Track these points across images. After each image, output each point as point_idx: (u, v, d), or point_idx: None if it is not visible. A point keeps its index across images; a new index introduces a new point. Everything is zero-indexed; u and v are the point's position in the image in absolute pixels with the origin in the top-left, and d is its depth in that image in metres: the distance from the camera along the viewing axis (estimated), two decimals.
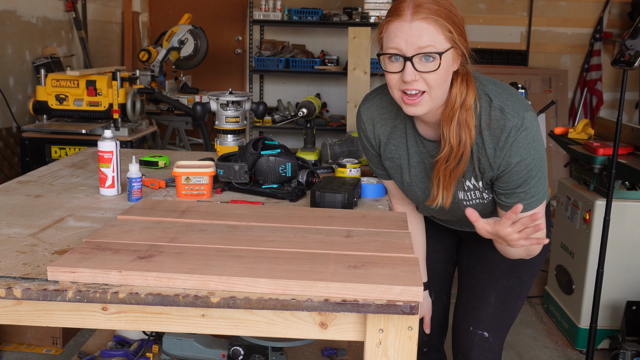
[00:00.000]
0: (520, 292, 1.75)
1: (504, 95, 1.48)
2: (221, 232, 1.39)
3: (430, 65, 1.37)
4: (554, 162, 5.28)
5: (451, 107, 1.45)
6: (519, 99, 1.48)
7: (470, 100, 1.45)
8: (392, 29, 1.39)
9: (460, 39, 1.40)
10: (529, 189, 1.49)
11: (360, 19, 5.28)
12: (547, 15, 5.77)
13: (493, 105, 1.45)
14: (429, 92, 1.40)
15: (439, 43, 1.37)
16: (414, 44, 1.36)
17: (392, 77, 1.42)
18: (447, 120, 1.45)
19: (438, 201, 1.55)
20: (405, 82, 1.39)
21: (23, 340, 2.80)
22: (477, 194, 1.57)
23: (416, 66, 1.37)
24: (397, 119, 1.60)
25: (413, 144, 1.58)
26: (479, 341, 1.72)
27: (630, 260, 2.86)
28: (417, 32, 1.36)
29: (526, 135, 1.43)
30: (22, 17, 4.01)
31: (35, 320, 1.22)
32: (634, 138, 2.83)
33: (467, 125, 1.45)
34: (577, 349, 2.96)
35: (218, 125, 2.18)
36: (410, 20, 1.36)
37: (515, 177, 1.47)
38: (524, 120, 1.43)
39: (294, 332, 1.19)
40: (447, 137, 1.46)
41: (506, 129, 1.43)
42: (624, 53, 2.33)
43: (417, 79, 1.38)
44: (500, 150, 1.45)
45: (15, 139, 3.83)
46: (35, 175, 2.04)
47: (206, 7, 5.91)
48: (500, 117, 1.44)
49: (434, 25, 1.36)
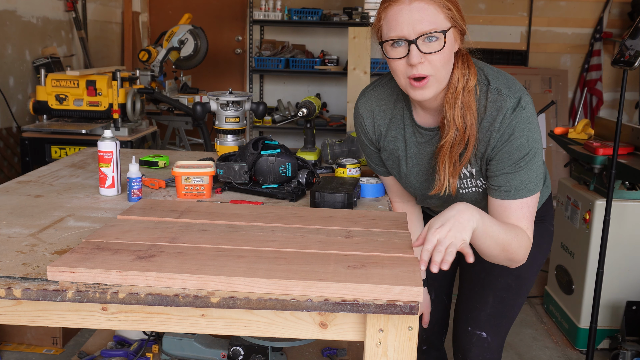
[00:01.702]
0: (520, 290, 1.74)
1: (501, 78, 1.47)
2: (221, 232, 1.39)
3: (434, 45, 1.36)
4: (554, 162, 5.28)
5: (454, 90, 1.43)
6: (515, 82, 1.47)
7: (471, 82, 1.43)
8: (392, 14, 1.37)
9: (459, 17, 1.39)
10: (520, 171, 1.44)
11: (360, 19, 5.28)
12: (547, 15, 5.77)
13: (490, 88, 1.45)
14: (435, 74, 1.39)
15: (440, 22, 1.35)
16: (416, 26, 1.34)
17: (398, 64, 1.39)
18: (450, 104, 1.44)
19: (445, 188, 1.51)
20: (412, 66, 1.37)
21: (23, 340, 2.80)
22: (472, 181, 1.55)
23: (421, 48, 1.35)
24: (395, 110, 1.59)
25: (410, 134, 1.57)
26: (478, 341, 1.72)
27: (630, 260, 2.86)
28: (417, 14, 1.34)
29: (521, 115, 1.42)
30: (22, 17, 4.01)
31: (35, 320, 1.22)
32: (634, 138, 2.83)
33: (470, 108, 1.43)
34: (577, 349, 2.96)
35: (218, 125, 2.18)
36: (409, 2, 1.34)
37: (506, 157, 1.44)
38: (520, 101, 1.42)
39: (293, 332, 1.19)
40: (452, 119, 1.44)
41: (502, 110, 1.42)
42: (624, 53, 2.33)
43: (422, 61, 1.36)
44: (496, 131, 1.43)
45: (15, 139, 3.83)
46: (35, 175, 2.04)
47: (206, 7, 5.91)
48: (496, 99, 1.43)
49: (432, 4, 1.35)
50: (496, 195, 1.49)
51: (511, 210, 1.47)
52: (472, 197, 1.59)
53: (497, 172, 1.47)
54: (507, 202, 1.47)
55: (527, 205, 1.47)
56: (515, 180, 1.45)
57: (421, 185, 1.63)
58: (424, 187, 1.63)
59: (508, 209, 1.48)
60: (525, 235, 1.47)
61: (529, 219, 1.48)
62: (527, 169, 1.44)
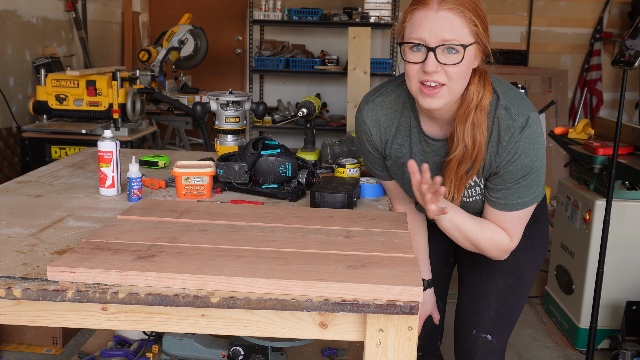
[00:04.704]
0: (521, 292, 1.74)
1: (510, 94, 1.47)
2: (221, 232, 1.39)
3: (453, 57, 1.35)
4: (554, 162, 5.28)
5: (467, 106, 1.43)
6: (524, 99, 1.48)
7: (486, 101, 1.43)
8: (417, 18, 1.36)
9: (484, 34, 1.39)
10: (520, 188, 1.48)
11: (360, 19, 5.28)
12: (547, 15, 5.77)
13: (500, 104, 1.45)
14: (449, 85, 1.38)
15: (463, 36, 1.35)
16: (438, 34, 1.34)
17: (413, 67, 1.39)
18: (462, 120, 1.44)
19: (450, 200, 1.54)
20: (426, 73, 1.36)
21: (23, 340, 2.80)
22: (477, 190, 1.57)
23: (439, 57, 1.35)
24: (401, 118, 1.58)
25: (417, 142, 1.57)
26: (483, 344, 1.70)
27: (630, 260, 2.86)
28: (442, 23, 1.34)
29: (529, 134, 1.43)
30: (22, 17, 4.01)
31: (35, 320, 1.22)
32: (634, 138, 2.83)
33: (481, 127, 1.43)
34: (577, 349, 2.96)
35: (218, 125, 2.18)
36: (437, 10, 1.34)
37: (509, 175, 1.47)
38: (529, 120, 1.43)
39: (293, 332, 1.19)
40: (461, 136, 1.44)
41: (510, 129, 1.43)
42: (624, 53, 2.33)
43: (438, 70, 1.36)
44: (503, 149, 1.45)
45: (15, 139, 3.83)
46: (35, 175, 2.04)
47: (206, 7, 5.91)
48: (505, 116, 1.44)
49: (460, 16, 1.34)
50: (492, 206, 1.55)
51: (504, 220, 1.54)
52: (476, 205, 1.60)
53: (497, 187, 1.51)
54: (501, 213, 1.54)
55: (519, 218, 1.54)
56: (514, 195, 1.50)
57: None
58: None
59: (501, 219, 1.55)
60: (505, 239, 1.55)
61: (518, 229, 1.56)
62: (527, 186, 1.49)
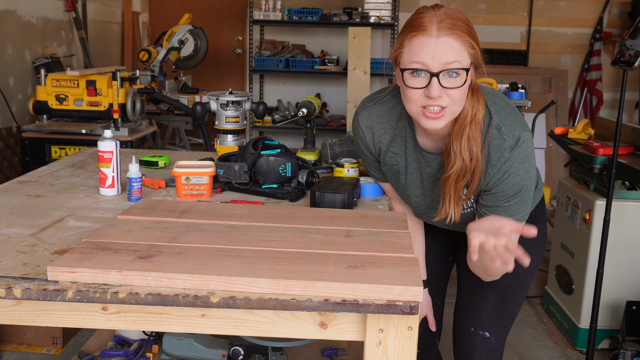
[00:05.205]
0: (519, 290, 1.76)
1: (503, 113, 1.48)
2: (221, 232, 1.39)
3: (455, 81, 1.37)
4: (554, 162, 5.28)
5: (462, 122, 1.44)
6: (517, 117, 1.48)
7: (480, 114, 1.45)
8: (417, 44, 1.37)
9: (479, 55, 1.41)
10: (510, 206, 1.51)
11: (360, 19, 5.28)
12: (547, 15, 5.77)
13: (492, 123, 1.46)
14: (450, 107, 1.40)
15: (463, 59, 1.37)
16: (441, 59, 1.35)
17: (414, 93, 1.40)
18: (458, 136, 1.45)
19: (450, 216, 1.54)
20: (430, 98, 1.38)
21: (23, 340, 2.80)
22: (469, 202, 1.60)
23: (442, 82, 1.37)
24: (397, 128, 1.60)
25: (412, 152, 1.59)
26: (481, 342, 1.72)
27: (630, 260, 2.86)
28: (443, 48, 1.35)
29: (518, 154, 1.45)
30: (22, 17, 4.01)
31: (35, 320, 1.22)
32: (634, 138, 2.84)
33: (476, 140, 1.45)
34: (577, 349, 2.96)
35: (218, 125, 2.18)
36: (437, 36, 1.35)
37: (499, 193, 1.49)
38: (519, 141, 1.44)
39: (294, 332, 1.20)
40: (459, 152, 1.45)
41: (500, 149, 1.45)
42: (624, 53, 2.33)
43: (441, 95, 1.37)
44: (492, 167, 1.47)
45: (15, 139, 3.83)
46: (35, 175, 2.04)
47: (206, 7, 5.91)
48: (496, 136, 1.45)
49: (459, 41, 1.36)
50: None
51: None
52: (469, 216, 1.64)
53: (488, 204, 1.53)
54: None
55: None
56: (505, 213, 1.51)
57: (419, 198, 1.66)
58: (421, 200, 1.66)
59: None
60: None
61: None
62: (517, 205, 1.51)
